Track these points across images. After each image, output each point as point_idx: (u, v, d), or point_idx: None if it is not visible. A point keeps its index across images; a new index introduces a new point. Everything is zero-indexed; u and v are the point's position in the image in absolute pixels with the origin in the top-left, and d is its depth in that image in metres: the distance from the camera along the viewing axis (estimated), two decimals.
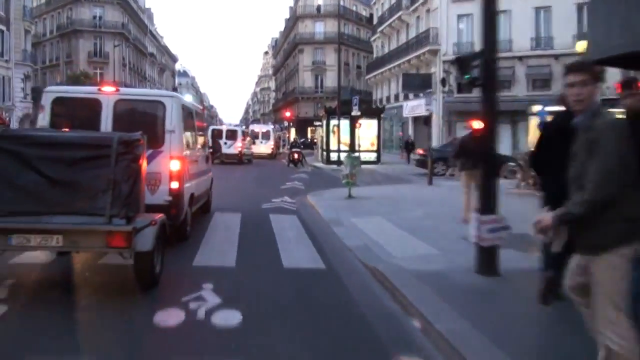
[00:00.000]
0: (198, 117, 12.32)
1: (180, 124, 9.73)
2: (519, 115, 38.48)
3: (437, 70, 40.70)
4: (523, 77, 38.70)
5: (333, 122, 38.70)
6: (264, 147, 46.53)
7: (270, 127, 54.26)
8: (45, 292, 7.05)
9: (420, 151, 29.52)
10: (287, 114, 69.21)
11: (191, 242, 10.18)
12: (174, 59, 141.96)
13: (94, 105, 9.43)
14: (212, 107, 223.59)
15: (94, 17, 78.38)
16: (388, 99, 50.79)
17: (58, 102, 9.70)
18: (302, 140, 63.85)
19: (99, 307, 6.48)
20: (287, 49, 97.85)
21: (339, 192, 18.75)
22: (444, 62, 40.34)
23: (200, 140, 12.65)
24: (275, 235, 11.31)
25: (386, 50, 54.58)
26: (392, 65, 50.11)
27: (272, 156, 47.72)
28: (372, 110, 37.88)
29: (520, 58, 38.63)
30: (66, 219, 6.53)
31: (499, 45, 28.21)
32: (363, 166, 24.38)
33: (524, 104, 37.07)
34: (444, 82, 39.76)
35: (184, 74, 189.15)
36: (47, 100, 9.62)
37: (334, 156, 38.35)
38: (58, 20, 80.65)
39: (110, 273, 7.90)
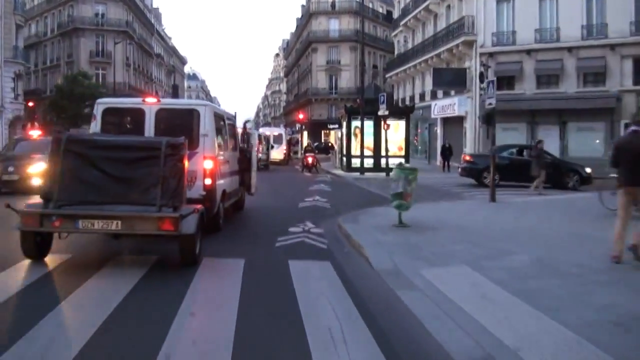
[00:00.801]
0: (229, 122, 13.35)
1: (212, 129, 11.08)
2: (567, 115, 33.44)
3: (472, 64, 35.75)
4: (573, 71, 33.67)
5: (354, 123, 33.90)
6: (276, 152, 41.85)
7: (281, 130, 49.45)
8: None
9: (467, 158, 24.57)
10: (300, 116, 64.39)
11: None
12: (182, 61, 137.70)
13: (138, 114, 10.90)
14: None
15: (96, 15, 73.97)
16: (412, 98, 45.75)
17: (108, 112, 11.22)
18: (315, 144, 59.10)
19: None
20: (299, 49, 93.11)
21: (381, 216, 13.97)
22: (481, 54, 35.33)
23: (232, 142, 13.55)
24: (302, 313, 6.27)
25: (409, 46, 49.60)
26: (417, 61, 45.14)
27: (285, 162, 42.87)
28: (399, 110, 33.08)
29: (569, 49, 33.57)
30: (124, 208, 8.02)
31: (543, 35, 21.97)
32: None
33: (575, 102, 32.10)
34: (482, 77, 34.84)
35: (194, 77, 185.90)
36: (98, 110, 11.11)
37: (355, 162, 33.51)
38: (59, 18, 76.34)
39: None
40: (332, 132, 72.43)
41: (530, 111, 33.81)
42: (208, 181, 10.78)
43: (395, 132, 32.75)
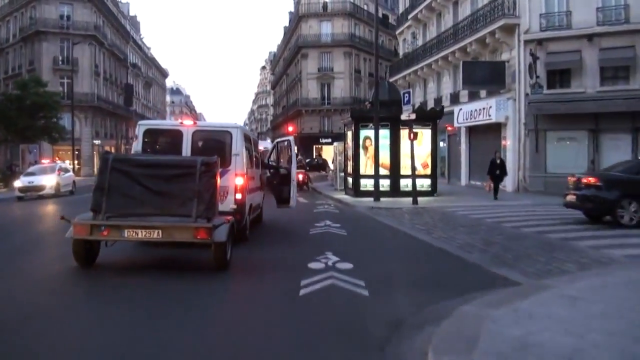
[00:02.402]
0: (254, 143, 15.18)
1: (242, 149, 12.38)
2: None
3: (514, 56, 27.69)
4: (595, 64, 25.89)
5: (364, 132, 25.73)
6: None
7: (267, 143, 40.98)
8: None
9: (590, 180, 15.87)
10: (290, 128, 56.13)
11: None
12: (164, 74, 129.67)
13: (176, 135, 12.17)
14: None
15: (61, 17, 65.93)
16: (424, 105, 37.44)
17: (148, 132, 12.50)
18: (307, 160, 50.89)
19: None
20: (287, 56, 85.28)
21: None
22: (526, 42, 27.27)
23: (256, 161, 14.85)
24: None
25: (420, 43, 41.52)
26: (432, 59, 37.05)
27: None
28: (424, 114, 24.84)
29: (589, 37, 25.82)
30: (164, 219, 8.99)
31: (607, 16, 16.25)
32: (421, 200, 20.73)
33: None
34: (531, 70, 26.88)
35: (177, 91, 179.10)
36: (139, 131, 12.37)
37: (366, 184, 25.31)
38: (21, 22, 68.11)
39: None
40: (326, 147, 64.30)
41: (592, 115, 25.75)
42: (239, 196, 12.04)
43: (419, 145, 24.63)
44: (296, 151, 17.77)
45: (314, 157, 63.92)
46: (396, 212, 19.74)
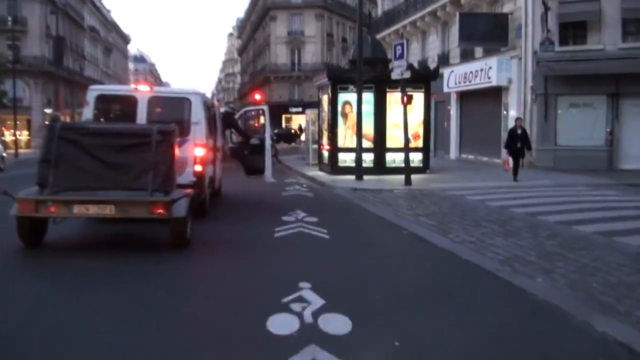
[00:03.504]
0: (216, 112, 14.14)
1: (202, 117, 11.51)
2: None
3: (520, 7, 23.33)
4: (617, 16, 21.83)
5: (344, 96, 21.30)
6: None
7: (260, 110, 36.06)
8: None
9: None
10: (257, 96, 51.27)
11: None
12: (125, 40, 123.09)
13: (130, 102, 11.23)
14: None
15: None
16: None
17: (100, 98, 11.59)
18: (275, 130, 46.26)
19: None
20: (255, 20, 79.95)
21: None
22: None
23: (217, 130, 13.72)
24: None
25: None
26: (418, 15, 32.57)
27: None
28: (415, 75, 20.36)
29: None
30: (117, 193, 8.27)
31: None
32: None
33: None
34: (542, 22, 22.56)
35: (142, 59, 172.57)
36: (90, 96, 11.51)
37: (345, 159, 20.99)
38: None
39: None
40: (296, 117, 59.72)
41: (613, 77, 21.65)
42: (198, 168, 11.27)
43: (409, 111, 20.24)
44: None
45: (283, 127, 59.22)
46: (387, 196, 15.44)
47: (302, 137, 35.51)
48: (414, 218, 11.70)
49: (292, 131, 51.91)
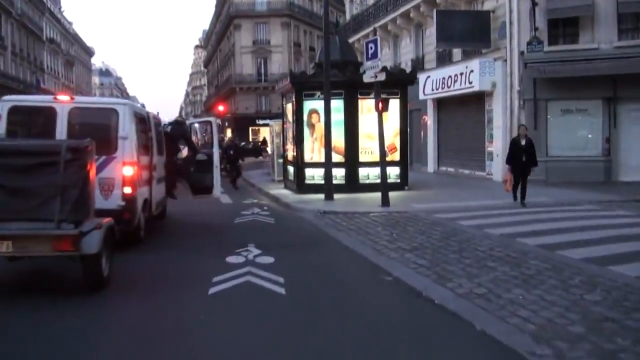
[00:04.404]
0: (153, 124, 12.00)
1: (132, 131, 9.94)
2: None
3: (505, 1, 20.96)
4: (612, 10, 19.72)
5: (310, 104, 18.72)
6: None
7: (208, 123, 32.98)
8: None
9: None
10: (220, 107, 48.48)
11: None
12: (89, 52, 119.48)
13: (49, 114, 9.70)
14: None
15: None
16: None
17: (14, 111, 9.88)
18: (242, 143, 43.51)
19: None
20: (219, 30, 77.12)
21: None
22: None
23: (156, 146, 12.04)
24: None
25: (371, 1, 34.36)
26: (389, 17, 30.15)
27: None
28: (391, 79, 17.77)
29: None
30: (16, 225, 6.82)
31: None
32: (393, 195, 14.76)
33: None
34: (530, 16, 20.20)
35: (107, 73, 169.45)
36: (3, 109, 9.82)
37: (313, 176, 18.45)
38: None
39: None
40: (264, 129, 56.94)
41: (609, 79, 19.37)
42: (128, 190, 9.78)
43: (384, 120, 17.74)
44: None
45: (250, 140, 56.47)
46: (362, 221, 12.82)
47: (269, 150, 32.68)
48: (398, 255, 9.08)
49: (259, 143, 49.23)
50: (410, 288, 7.27)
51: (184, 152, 14.49)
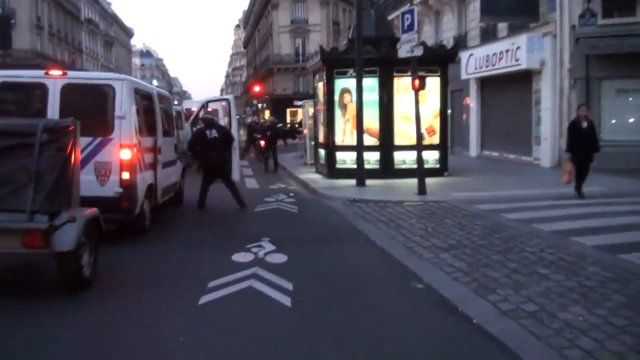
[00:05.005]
0: (163, 102, 11.27)
1: (131, 109, 8.99)
2: None
3: None
4: None
5: (341, 83, 17.46)
6: None
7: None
8: None
9: None
10: (256, 88, 47.37)
11: None
12: (128, 33, 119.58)
13: (40, 91, 8.88)
14: (185, 92, 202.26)
15: None
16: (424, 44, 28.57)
17: (3, 87, 9.10)
18: (279, 125, 42.27)
19: None
20: (258, 10, 75.94)
21: None
22: None
23: (165, 126, 11.10)
24: None
25: None
26: None
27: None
28: (430, 56, 16.39)
29: None
30: None
31: None
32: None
33: None
34: None
35: (148, 54, 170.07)
36: None
37: (344, 160, 17.23)
38: None
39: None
40: (300, 111, 55.84)
41: None
42: (126, 175, 8.77)
43: (422, 100, 16.37)
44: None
45: (287, 122, 55.30)
46: (394, 211, 11.55)
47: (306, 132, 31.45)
48: (432, 255, 7.80)
49: (295, 125, 48.10)
50: (443, 300, 6.02)
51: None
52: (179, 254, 8.23)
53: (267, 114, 56.95)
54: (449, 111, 21.16)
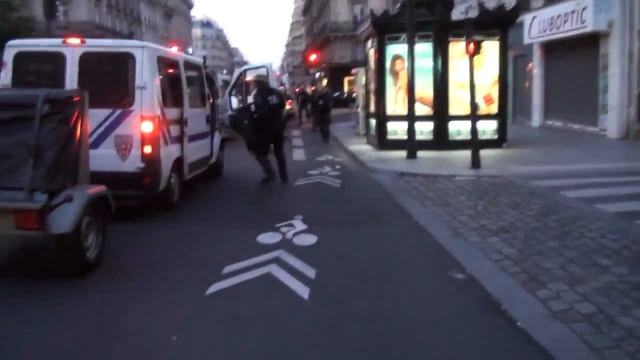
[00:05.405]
0: (192, 70, 10.58)
1: (153, 79, 8.37)
2: None
3: None
4: None
5: (393, 49, 16.56)
6: None
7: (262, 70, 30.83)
8: None
9: None
10: (312, 56, 46.46)
11: None
12: (188, 4, 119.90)
13: (58, 60, 8.37)
14: (246, 63, 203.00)
15: None
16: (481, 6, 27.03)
17: (21, 57, 8.61)
18: (336, 94, 41.51)
19: None
20: None
21: None
22: None
23: (196, 96, 10.65)
24: None
25: None
26: None
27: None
28: (489, 18, 15.27)
29: None
30: None
31: None
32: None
33: None
34: None
35: (208, 24, 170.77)
36: (9, 55, 8.60)
37: (395, 130, 16.41)
38: None
39: None
40: (359, 73, 54.79)
41: None
42: (148, 149, 8.18)
43: (479, 67, 15.37)
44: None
45: (344, 91, 54.33)
46: (444, 187, 10.70)
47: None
48: (479, 238, 6.97)
49: (352, 94, 47.16)
50: (486, 295, 5.23)
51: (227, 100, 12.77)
52: (202, 233, 7.66)
53: (324, 82, 56.14)
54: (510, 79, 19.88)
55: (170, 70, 9.37)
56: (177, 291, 5.42)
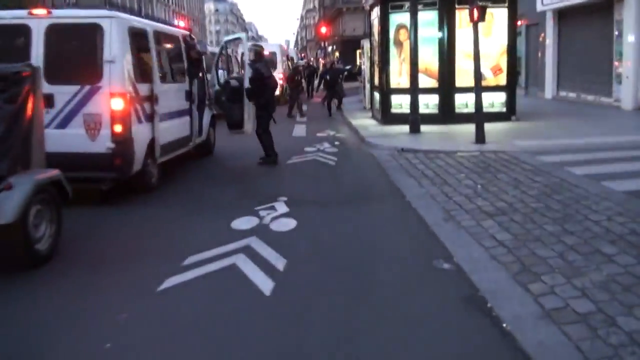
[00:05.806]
0: (169, 41, 9.96)
1: (123, 53, 7.75)
2: None
3: None
4: None
5: (396, 18, 15.81)
6: None
7: (274, 45, 30.14)
8: None
9: None
10: (323, 29, 45.49)
11: None
12: None
13: (23, 33, 7.77)
14: (261, 37, 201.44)
15: None
16: None
17: None
18: (348, 67, 40.62)
19: None
20: None
21: None
22: None
23: (173, 71, 9.89)
24: None
25: None
26: None
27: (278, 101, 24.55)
28: None
29: None
30: None
31: None
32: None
33: None
34: None
35: None
36: None
37: (399, 104, 15.76)
38: None
39: None
40: (365, 46, 53.83)
41: None
42: (118, 128, 7.57)
43: (487, 36, 14.65)
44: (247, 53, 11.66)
45: (356, 65, 53.31)
46: (444, 163, 10.06)
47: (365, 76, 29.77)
48: (473, 222, 6.36)
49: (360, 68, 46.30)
50: (472, 289, 4.64)
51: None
52: (174, 219, 7.11)
53: (336, 55, 55.18)
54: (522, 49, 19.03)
55: (141, 42, 8.64)
56: (126, 288, 4.88)
